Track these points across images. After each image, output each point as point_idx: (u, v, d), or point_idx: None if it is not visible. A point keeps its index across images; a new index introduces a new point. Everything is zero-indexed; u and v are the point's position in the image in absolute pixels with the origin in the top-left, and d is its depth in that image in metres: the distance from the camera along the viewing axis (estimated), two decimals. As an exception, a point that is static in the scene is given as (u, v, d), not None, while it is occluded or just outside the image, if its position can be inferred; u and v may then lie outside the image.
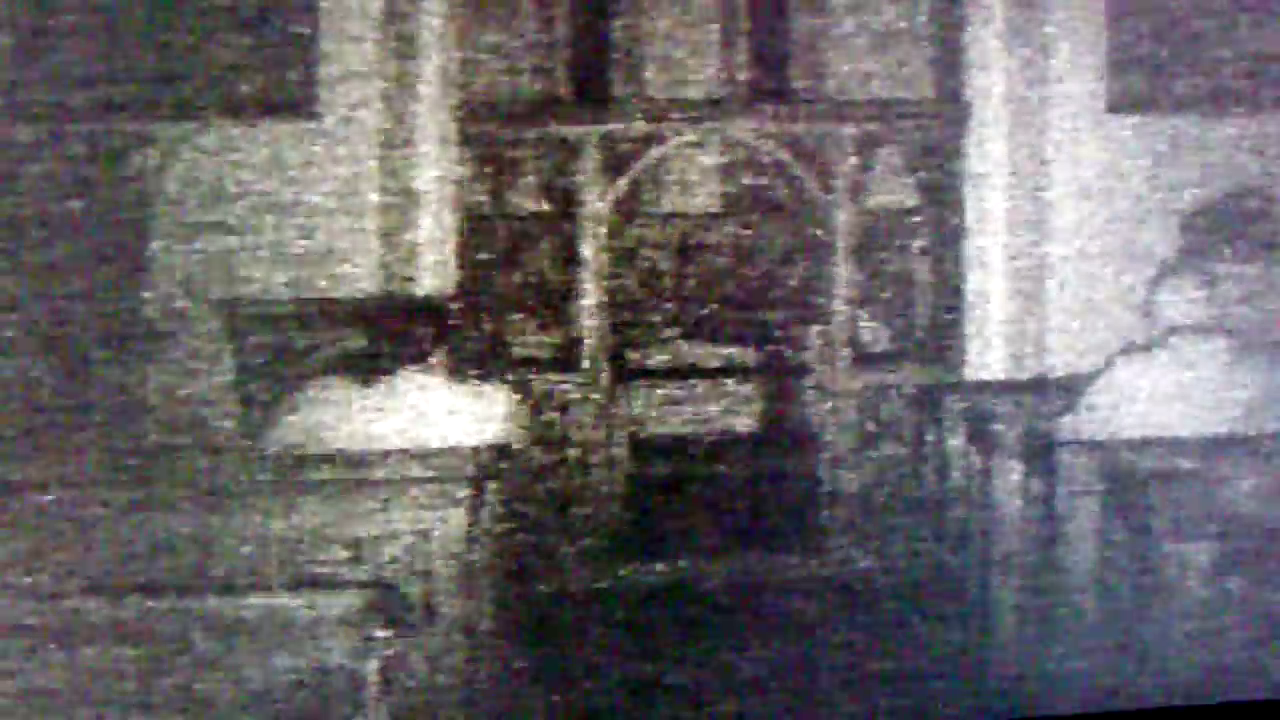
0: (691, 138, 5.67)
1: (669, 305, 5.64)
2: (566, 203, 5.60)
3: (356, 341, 4.77)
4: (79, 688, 3.40)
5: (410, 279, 5.37)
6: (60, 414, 4.79)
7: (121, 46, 5.09)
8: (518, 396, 4.56)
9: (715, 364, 5.71)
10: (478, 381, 4.46)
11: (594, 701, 4.34)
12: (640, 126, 5.60)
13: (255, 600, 3.49)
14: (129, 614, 3.44)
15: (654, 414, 5.60)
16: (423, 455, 4.09)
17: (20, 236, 4.95)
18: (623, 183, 5.60)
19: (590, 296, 5.54)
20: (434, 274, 5.41)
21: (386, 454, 4.10)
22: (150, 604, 3.47)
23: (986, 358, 5.58)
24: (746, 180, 5.73)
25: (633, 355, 5.66)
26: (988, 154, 5.60)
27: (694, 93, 5.74)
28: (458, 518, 3.96)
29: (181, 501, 3.88)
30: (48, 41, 5.03)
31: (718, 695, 4.40)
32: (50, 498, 3.89)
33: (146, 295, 5.16)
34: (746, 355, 5.74)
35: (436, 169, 5.44)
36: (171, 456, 4.66)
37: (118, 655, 3.40)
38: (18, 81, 5.02)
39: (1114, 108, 5.56)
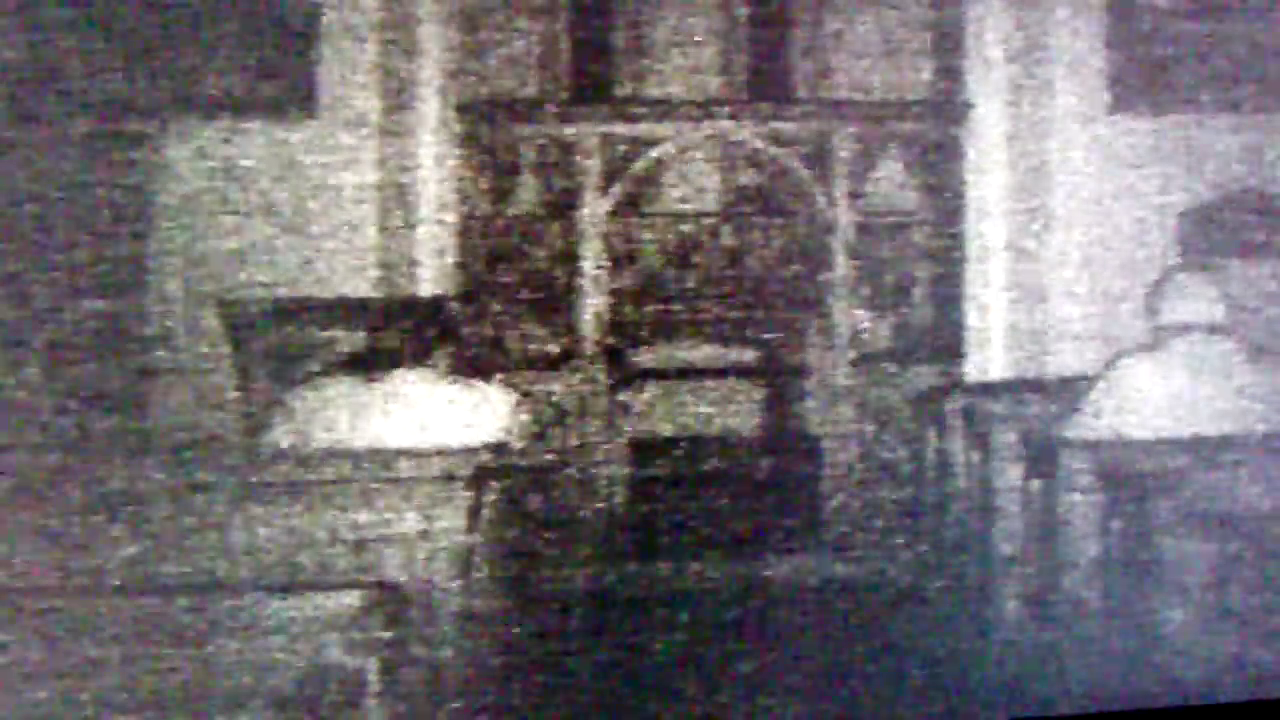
0: (691, 138, 5.67)
1: (669, 305, 5.64)
2: (566, 202, 5.60)
3: (356, 341, 4.76)
4: (79, 687, 3.40)
5: (410, 279, 5.37)
6: (60, 414, 4.79)
7: (121, 46, 5.09)
8: (518, 396, 4.55)
9: (715, 364, 5.71)
10: (478, 381, 4.45)
11: (594, 701, 4.34)
12: (640, 126, 5.60)
13: (255, 600, 3.49)
14: (129, 614, 3.44)
15: (654, 414, 5.60)
16: (423, 455, 4.09)
17: (19, 237, 4.95)
18: (623, 182, 5.60)
19: (590, 296, 5.55)
20: (434, 274, 5.41)
21: (386, 454, 4.10)
22: (150, 604, 3.47)
23: (987, 358, 5.58)
24: (746, 180, 5.73)
25: (633, 355, 5.66)
26: (988, 154, 5.60)
27: (694, 93, 5.74)
28: (457, 517, 3.96)
29: (182, 501, 3.88)
30: (48, 41, 5.03)
31: (718, 695, 4.40)
32: (51, 498, 3.89)
33: (146, 295, 5.16)
34: (746, 355, 5.74)
35: (436, 169, 5.44)
36: (172, 456, 4.66)
37: (118, 655, 3.40)
38: (17, 81, 5.02)
39: (1114, 108, 5.57)
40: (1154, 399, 4.23)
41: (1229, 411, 4.20)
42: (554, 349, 5.58)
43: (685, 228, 5.73)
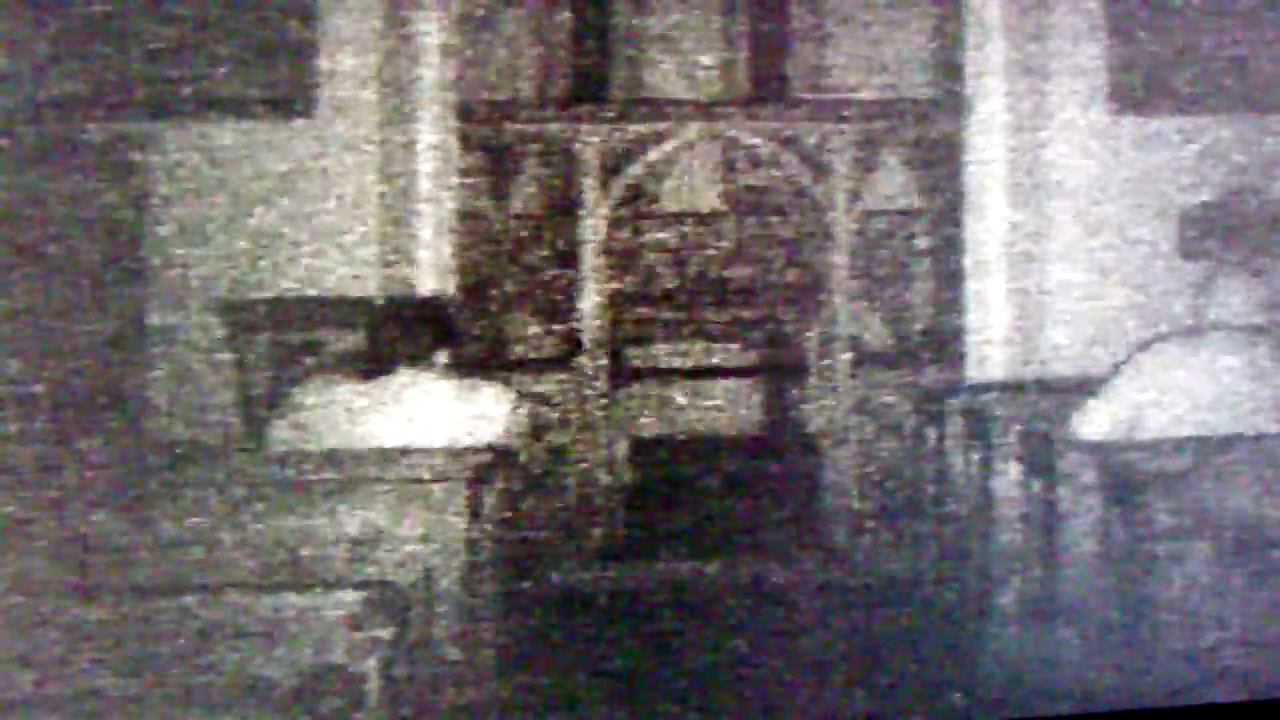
0: (691, 138, 5.67)
1: (669, 305, 5.64)
2: (566, 202, 5.60)
3: (356, 341, 4.76)
4: (79, 688, 3.40)
5: (410, 279, 5.37)
6: (61, 414, 4.79)
7: (121, 46, 5.09)
8: (517, 396, 4.55)
9: (715, 364, 5.71)
10: (477, 381, 4.45)
11: (593, 702, 4.34)
12: (640, 126, 5.60)
13: (255, 600, 3.49)
14: (129, 614, 3.43)
15: (654, 414, 5.60)
16: (423, 455, 4.09)
17: (20, 237, 4.95)
18: (623, 183, 5.60)
19: (590, 296, 5.55)
20: (434, 274, 5.41)
21: (386, 454, 4.10)
22: (150, 604, 3.47)
23: (987, 358, 5.58)
24: (746, 180, 5.73)
25: (633, 355, 5.66)
26: (988, 154, 5.60)
27: (694, 93, 5.74)
28: (457, 517, 3.95)
29: (182, 501, 3.88)
30: (47, 41, 5.03)
31: (717, 695, 4.40)
32: (51, 498, 3.89)
33: (147, 295, 5.16)
34: (746, 355, 5.74)
35: (436, 169, 5.44)
36: (172, 456, 4.66)
37: (118, 655, 3.40)
38: (18, 81, 5.02)
39: (1114, 108, 5.56)
40: (1155, 399, 4.23)
41: (1230, 411, 4.20)
42: (554, 349, 5.58)
43: (685, 228, 5.73)
